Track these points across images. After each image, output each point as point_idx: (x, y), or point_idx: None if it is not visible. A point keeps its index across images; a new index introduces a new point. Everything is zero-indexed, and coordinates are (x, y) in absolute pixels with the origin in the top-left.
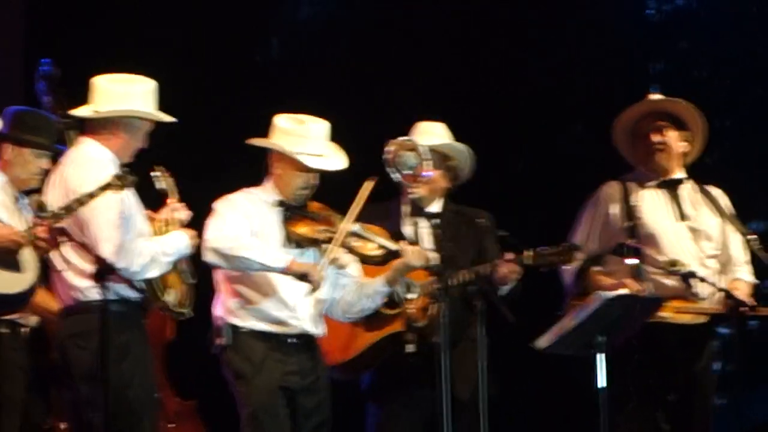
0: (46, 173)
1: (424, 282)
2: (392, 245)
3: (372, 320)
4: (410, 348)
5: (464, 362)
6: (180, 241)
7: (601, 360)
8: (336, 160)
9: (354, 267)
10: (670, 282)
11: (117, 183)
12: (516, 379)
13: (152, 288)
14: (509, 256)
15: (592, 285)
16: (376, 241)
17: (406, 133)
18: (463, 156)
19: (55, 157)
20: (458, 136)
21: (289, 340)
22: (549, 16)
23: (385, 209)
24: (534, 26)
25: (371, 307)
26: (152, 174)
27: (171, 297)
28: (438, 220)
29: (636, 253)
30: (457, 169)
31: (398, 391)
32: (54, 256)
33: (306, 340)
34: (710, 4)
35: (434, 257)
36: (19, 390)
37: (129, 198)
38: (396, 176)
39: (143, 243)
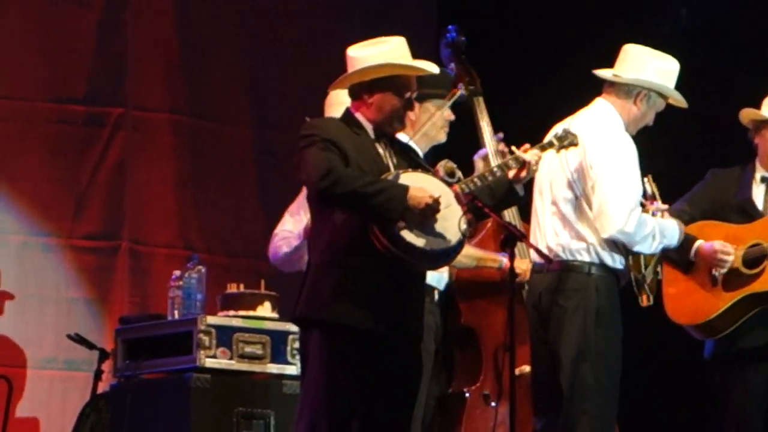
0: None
1: None
2: None
3: (731, 280)
4: None
5: None
6: (673, 232)
7: None
8: None
9: None
10: None
11: (555, 144)
12: None
13: (637, 257)
14: None
15: None
16: None
17: None
18: None
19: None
20: None
21: None
22: None
23: (737, 174)
24: None
25: None
26: (643, 179)
27: (649, 275)
28: None
29: None
30: None
31: (747, 361)
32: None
33: None
34: None
35: None
36: (429, 354)
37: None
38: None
39: (646, 217)
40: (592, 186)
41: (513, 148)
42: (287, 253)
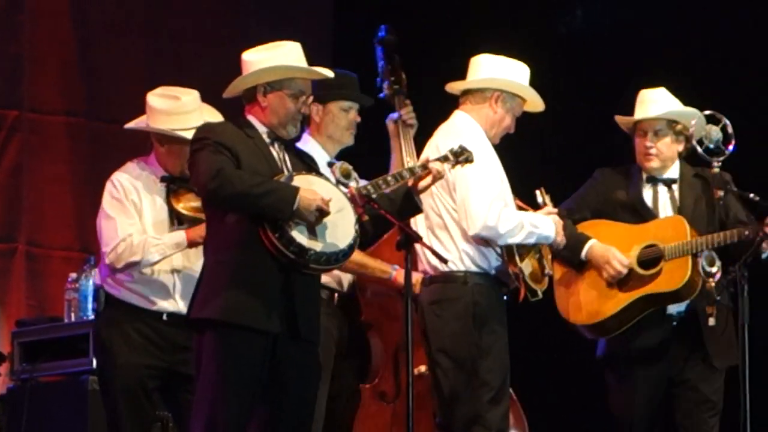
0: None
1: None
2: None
3: (626, 280)
4: (712, 322)
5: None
6: (547, 224)
7: None
8: None
9: None
10: None
11: (451, 159)
12: None
13: (511, 252)
14: None
15: None
16: None
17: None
18: (690, 120)
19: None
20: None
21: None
22: None
23: (625, 174)
24: None
25: None
26: (536, 192)
27: (527, 268)
28: (676, 186)
29: None
30: (686, 132)
31: (634, 361)
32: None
33: None
34: None
35: None
36: (328, 356)
37: (498, 166)
38: (699, 149)
39: (510, 210)
40: (453, 189)
41: (408, 159)
42: (157, 260)
